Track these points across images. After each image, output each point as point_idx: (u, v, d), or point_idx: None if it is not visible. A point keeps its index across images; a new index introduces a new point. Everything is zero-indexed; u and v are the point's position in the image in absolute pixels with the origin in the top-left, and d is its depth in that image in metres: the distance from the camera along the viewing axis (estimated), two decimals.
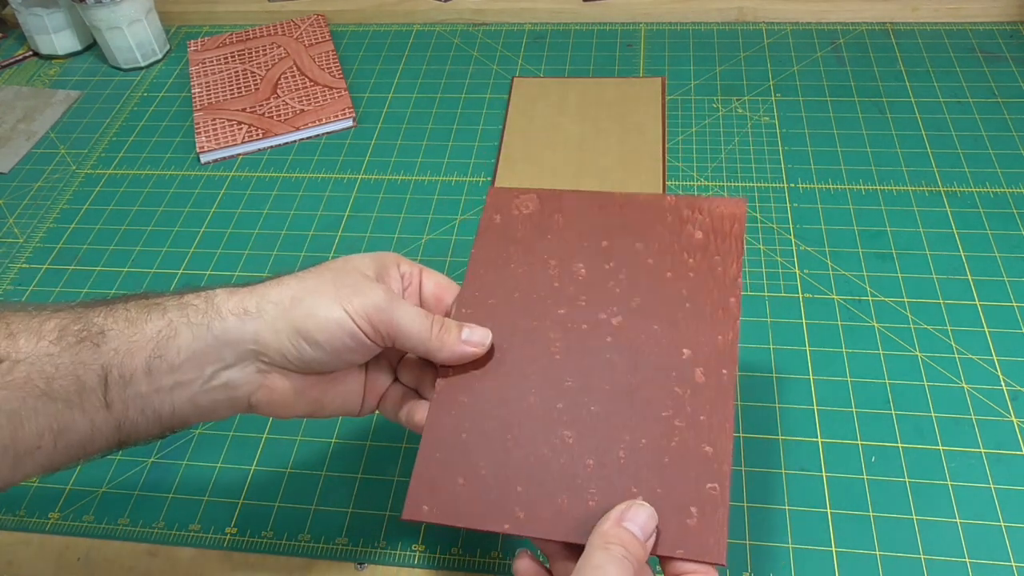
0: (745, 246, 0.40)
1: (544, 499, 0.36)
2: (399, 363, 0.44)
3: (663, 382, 0.38)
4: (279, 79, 0.81)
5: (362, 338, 0.38)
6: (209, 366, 0.37)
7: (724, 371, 0.38)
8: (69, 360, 0.34)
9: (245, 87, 0.81)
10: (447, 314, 0.43)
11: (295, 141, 0.76)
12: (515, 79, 0.80)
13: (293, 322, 0.37)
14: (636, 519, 0.34)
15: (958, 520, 0.46)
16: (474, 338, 0.40)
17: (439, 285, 0.43)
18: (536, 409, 0.39)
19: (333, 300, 0.37)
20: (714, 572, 0.34)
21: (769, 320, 0.57)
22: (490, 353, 0.41)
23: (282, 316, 0.37)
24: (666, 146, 0.71)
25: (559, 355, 0.40)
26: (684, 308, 0.40)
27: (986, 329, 0.55)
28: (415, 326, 0.38)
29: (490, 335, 0.40)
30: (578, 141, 0.72)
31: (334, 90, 0.79)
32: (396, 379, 0.44)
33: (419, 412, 0.41)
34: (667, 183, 0.67)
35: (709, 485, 0.35)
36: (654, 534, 0.34)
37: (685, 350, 0.39)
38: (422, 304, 0.42)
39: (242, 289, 0.38)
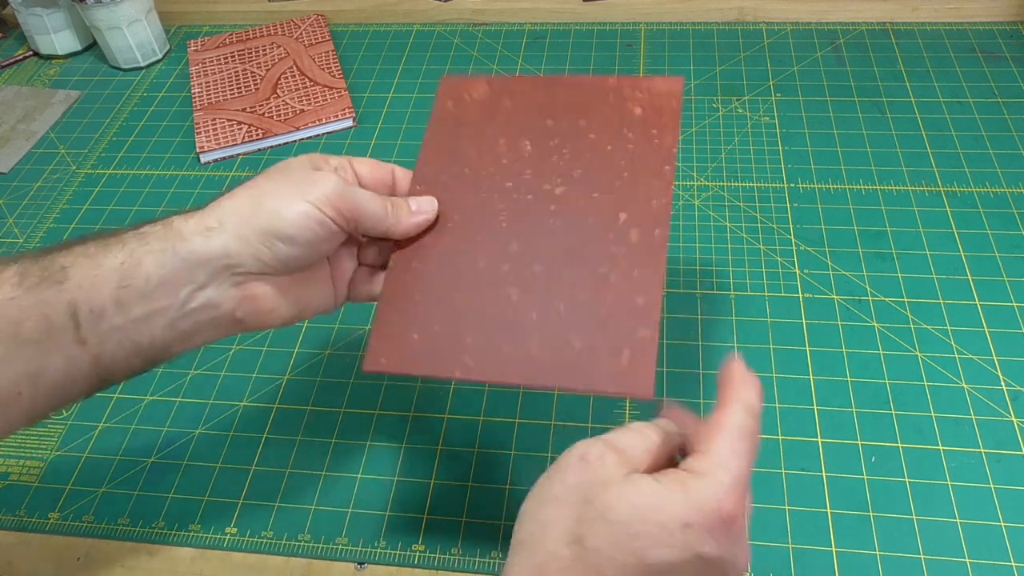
0: (681, 120, 0.43)
1: (491, 349, 0.39)
2: (359, 248, 0.44)
3: (601, 243, 0.40)
4: (279, 79, 0.81)
5: (330, 224, 0.38)
6: (182, 289, 0.36)
7: (657, 231, 0.40)
8: (33, 301, 0.34)
9: (245, 87, 0.81)
10: (395, 192, 0.44)
11: (295, 141, 0.76)
12: None
13: (260, 225, 0.37)
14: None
15: (958, 520, 0.46)
16: (422, 207, 0.42)
17: (372, 167, 0.43)
18: (483, 271, 0.41)
19: (294, 195, 0.37)
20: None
21: (769, 320, 0.57)
22: (441, 224, 0.43)
23: (246, 223, 0.37)
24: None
25: (506, 223, 0.42)
26: (622, 177, 0.42)
27: (986, 329, 0.55)
28: (373, 205, 0.40)
29: (435, 201, 0.43)
30: None
31: (334, 90, 0.79)
32: (360, 264, 0.44)
33: (378, 284, 0.43)
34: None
35: (640, 332, 0.37)
36: None
37: (622, 214, 0.41)
38: (358, 173, 0.43)
39: (197, 211, 0.38)
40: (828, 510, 0.47)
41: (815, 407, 0.52)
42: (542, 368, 0.38)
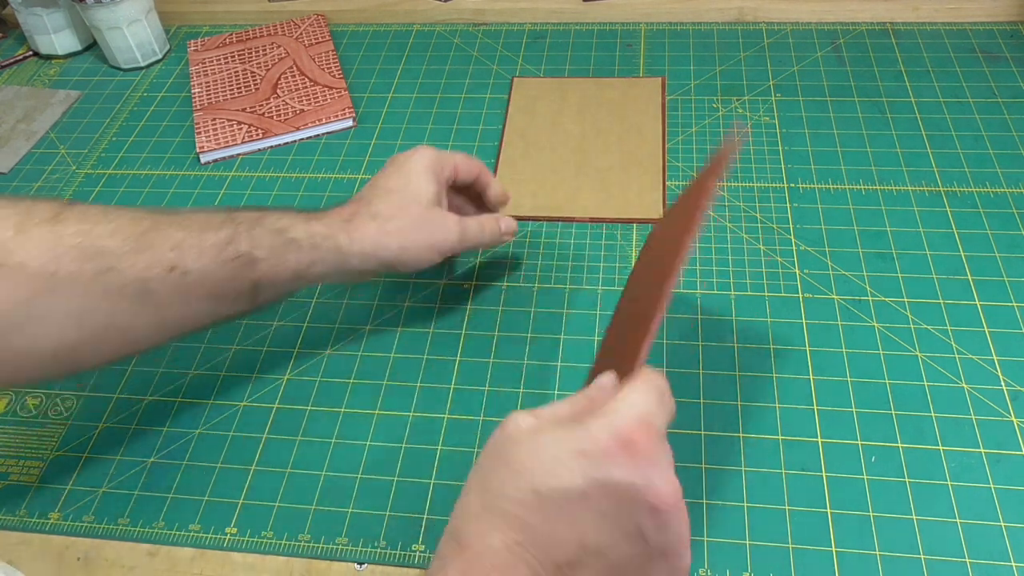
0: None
1: None
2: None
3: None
4: (279, 79, 0.81)
5: (440, 260, 0.53)
6: (337, 276, 0.52)
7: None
8: (228, 275, 0.46)
9: (245, 87, 0.81)
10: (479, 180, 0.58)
11: (295, 141, 0.76)
12: (515, 79, 0.80)
13: (400, 262, 0.52)
14: None
15: (958, 520, 0.46)
16: (510, 230, 0.57)
17: (466, 166, 0.56)
18: None
19: (428, 247, 0.52)
20: None
21: (769, 320, 0.57)
22: None
23: (393, 258, 0.51)
24: (666, 146, 0.71)
25: None
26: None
27: (986, 329, 0.55)
28: (473, 241, 0.54)
29: (516, 227, 0.58)
30: (578, 141, 0.72)
31: (334, 90, 0.79)
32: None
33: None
34: (667, 183, 0.67)
35: None
36: None
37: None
38: (456, 179, 0.56)
39: (361, 230, 0.50)
40: (828, 510, 0.47)
41: (815, 407, 0.52)
42: None
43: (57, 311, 0.42)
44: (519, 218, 0.66)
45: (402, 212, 0.51)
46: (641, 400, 0.34)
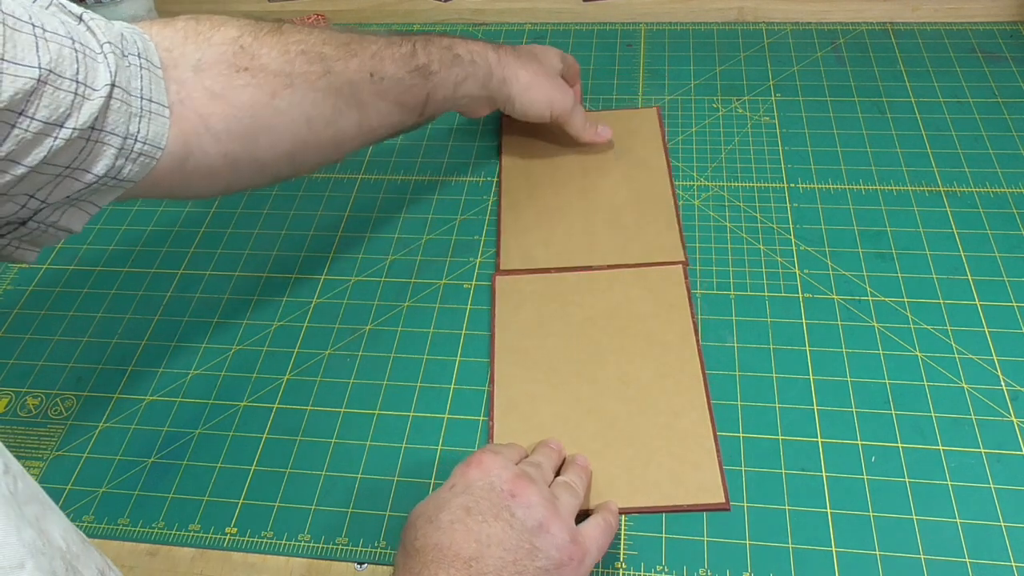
0: None
1: None
2: None
3: None
4: None
5: (548, 118, 0.66)
6: (471, 94, 0.60)
7: None
8: (410, 84, 0.54)
9: None
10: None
11: None
12: None
13: (521, 100, 0.63)
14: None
15: (958, 520, 0.46)
16: (603, 136, 0.68)
17: (567, 67, 0.69)
18: None
19: (547, 101, 0.64)
20: None
21: (769, 320, 0.57)
22: None
23: (518, 94, 0.63)
24: (674, 183, 0.69)
25: None
26: None
27: (986, 329, 0.55)
28: (577, 128, 0.67)
29: (611, 135, 0.69)
30: (580, 180, 0.68)
31: None
32: None
33: None
34: (682, 221, 0.67)
35: None
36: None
37: None
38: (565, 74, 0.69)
39: (506, 58, 0.62)
40: (828, 510, 0.47)
41: (815, 407, 0.52)
42: None
43: (294, 109, 0.48)
44: (533, 271, 0.61)
45: (536, 68, 0.63)
46: (512, 453, 0.47)
